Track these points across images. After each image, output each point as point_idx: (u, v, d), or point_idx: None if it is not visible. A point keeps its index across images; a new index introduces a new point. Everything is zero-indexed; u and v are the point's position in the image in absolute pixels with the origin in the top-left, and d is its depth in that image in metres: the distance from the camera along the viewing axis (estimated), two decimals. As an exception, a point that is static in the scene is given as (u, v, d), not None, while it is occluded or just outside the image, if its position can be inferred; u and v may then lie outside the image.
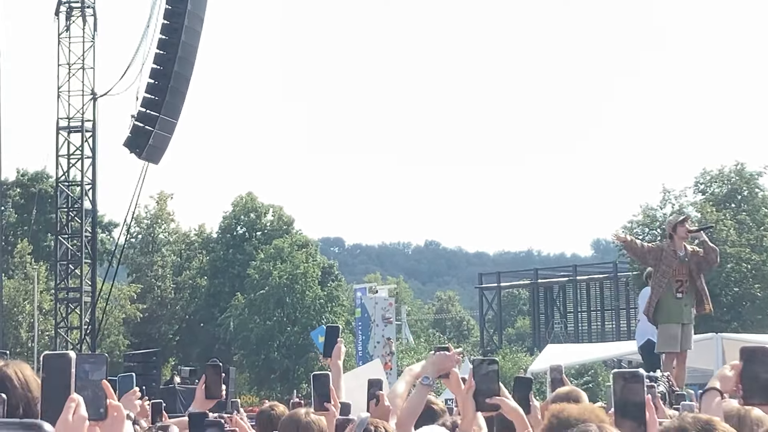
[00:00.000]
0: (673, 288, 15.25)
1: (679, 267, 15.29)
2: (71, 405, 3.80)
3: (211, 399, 7.09)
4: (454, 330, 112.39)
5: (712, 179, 65.08)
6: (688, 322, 15.48)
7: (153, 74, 34.86)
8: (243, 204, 71.28)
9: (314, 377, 7.17)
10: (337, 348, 8.03)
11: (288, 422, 7.04)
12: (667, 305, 15.33)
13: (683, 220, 15.92)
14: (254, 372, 65.37)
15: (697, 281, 15.49)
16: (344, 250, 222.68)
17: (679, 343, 15.27)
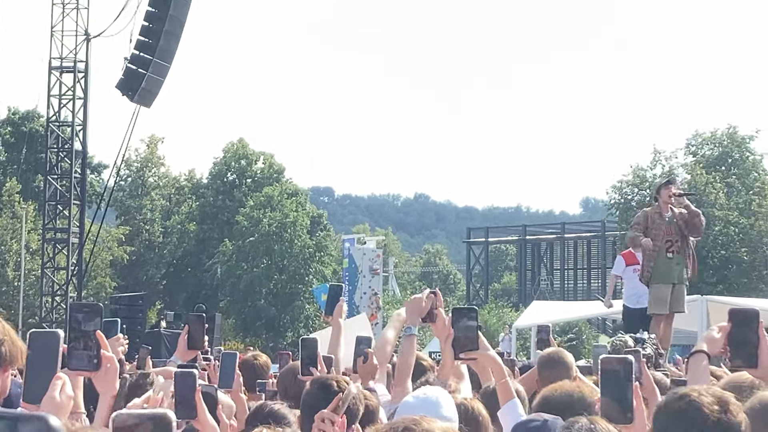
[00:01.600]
0: (664, 249, 15.28)
1: (668, 228, 15.31)
2: (57, 383, 3.76)
3: (193, 349, 7.11)
4: (441, 283, 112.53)
5: (703, 141, 65.08)
6: (680, 283, 15.46)
7: (148, 17, 34.64)
8: (234, 150, 71.09)
9: (302, 342, 7.20)
10: (339, 306, 8.10)
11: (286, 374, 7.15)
12: (657, 266, 15.36)
13: (667, 182, 15.96)
14: (240, 319, 65.48)
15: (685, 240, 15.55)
16: (334, 200, 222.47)
17: (668, 304, 15.29)
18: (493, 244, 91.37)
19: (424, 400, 4.99)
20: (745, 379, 4.93)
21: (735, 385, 4.88)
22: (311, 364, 6.95)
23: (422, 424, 3.52)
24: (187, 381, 4.44)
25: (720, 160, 63.99)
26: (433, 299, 6.34)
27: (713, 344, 4.87)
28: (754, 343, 4.77)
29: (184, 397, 4.36)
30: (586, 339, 55.23)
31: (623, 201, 64.73)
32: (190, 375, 4.45)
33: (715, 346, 4.86)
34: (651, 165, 64.89)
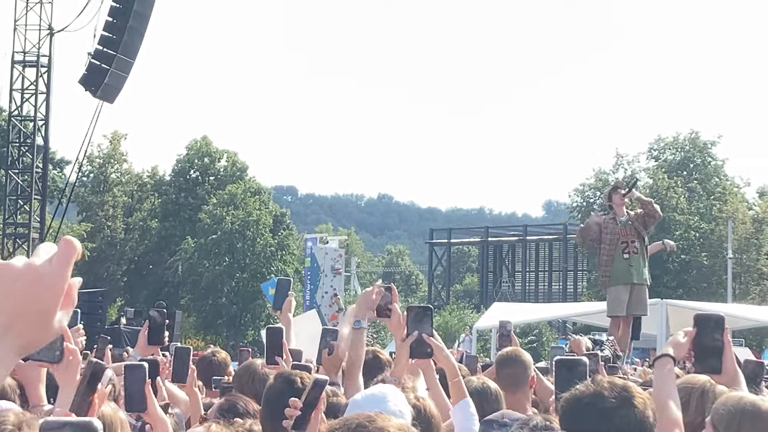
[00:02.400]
0: (619, 249, 15.41)
1: (623, 230, 15.47)
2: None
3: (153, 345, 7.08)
4: (403, 284, 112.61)
5: (666, 146, 65.54)
6: (639, 283, 15.54)
7: (112, 12, 34.47)
8: (197, 148, 70.82)
9: (268, 330, 7.16)
10: (288, 301, 8.05)
11: (243, 372, 7.07)
12: (615, 267, 15.46)
13: (614, 188, 16.17)
14: (201, 316, 65.28)
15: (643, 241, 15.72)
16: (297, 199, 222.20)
17: (625, 306, 15.37)
18: (455, 245, 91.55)
19: (370, 398, 4.99)
20: (697, 381, 4.96)
21: (686, 387, 4.92)
22: (277, 353, 6.92)
23: (376, 421, 3.51)
24: (137, 375, 4.43)
25: (682, 165, 64.44)
26: (388, 295, 6.32)
27: (679, 348, 4.88)
28: (718, 349, 4.79)
29: (134, 390, 4.36)
30: (547, 341, 55.43)
31: (585, 204, 65.11)
32: (140, 369, 4.45)
33: (680, 350, 4.88)
34: (613, 168, 65.31)
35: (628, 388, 3.87)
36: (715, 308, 32.58)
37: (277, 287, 8.31)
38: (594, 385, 3.90)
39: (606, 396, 3.80)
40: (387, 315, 6.29)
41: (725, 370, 4.78)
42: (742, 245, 57.97)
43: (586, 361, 4.55)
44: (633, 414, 3.79)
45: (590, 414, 3.82)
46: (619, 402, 3.80)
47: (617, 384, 3.90)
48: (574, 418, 3.83)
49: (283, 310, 8.00)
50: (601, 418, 3.78)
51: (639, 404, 3.82)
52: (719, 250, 58.27)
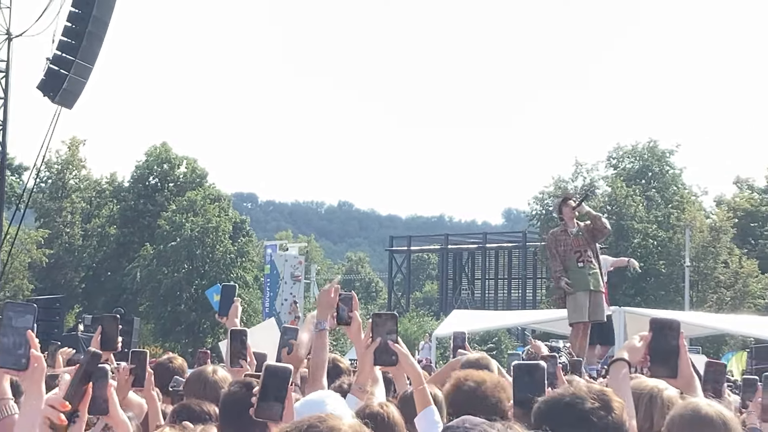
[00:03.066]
0: (573, 259, 15.58)
1: (574, 241, 15.64)
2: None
3: (106, 350, 7.01)
4: (363, 291, 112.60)
5: (624, 154, 65.88)
6: (596, 290, 15.71)
7: (71, 17, 34.24)
8: (157, 154, 70.50)
9: (232, 333, 7.07)
10: (234, 307, 7.92)
11: (195, 379, 6.98)
12: (571, 277, 15.61)
13: (564, 200, 16.32)
14: (160, 323, 64.99)
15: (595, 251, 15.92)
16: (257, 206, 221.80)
17: (587, 312, 15.51)
18: (415, 252, 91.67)
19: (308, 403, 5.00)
20: (644, 387, 4.98)
21: (634, 393, 4.94)
22: (241, 356, 6.86)
23: (327, 422, 3.53)
24: (100, 378, 4.41)
25: (640, 174, 64.79)
26: (349, 302, 6.32)
27: (634, 353, 4.89)
28: (674, 353, 4.81)
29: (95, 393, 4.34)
30: (506, 348, 55.53)
31: (545, 212, 65.30)
32: (102, 372, 4.43)
33: (635, 354, 4.89)
34: (572, 177, 65.60)
35: (605, 392, 3.91)
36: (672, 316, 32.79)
37: (222, 293, 8.19)
38: (573, 388, 3.92)
39: (585, 398, 3.83)
40: (347, 323, 6.28)
41: (681, 374, 4.79)
42: (699, 253, 58.31)
43: (544, 366, 4.56)
44: (611, 417, 3.81)
45: (569, 415, 3.83)
46: (599, 405, 3.82)
47: (595, 388, 3.93)
48: (552, 419, 3.84)
49: (229, 316, 7.88)
50: (580, 419, 3.80)
51: (617, 408, 3.85)
52: (677, 258, 58.57)
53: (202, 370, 7.00)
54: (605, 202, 62.84)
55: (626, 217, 60.41)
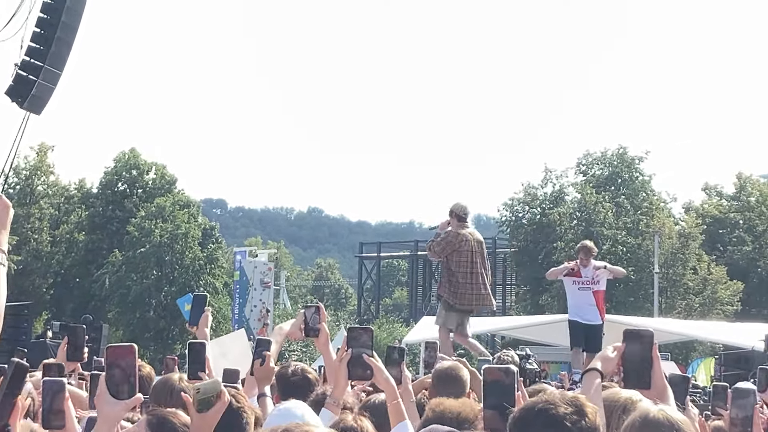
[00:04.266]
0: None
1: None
2: None
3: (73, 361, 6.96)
4: (332, 298, 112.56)
5: (594, 161, 66.09)
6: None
7: (39, 23, 34.05)
8: (125, 160, 70.27)
9: (190, 345, 7.03)
10: (205, 316, 7.89)
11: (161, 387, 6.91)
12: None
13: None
14: (129, 330, 64.73)
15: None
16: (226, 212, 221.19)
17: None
18: (385, 259, 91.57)
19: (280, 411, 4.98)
20: (618, 398, 4.98)
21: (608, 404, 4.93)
22: (200, 368, 6.81)
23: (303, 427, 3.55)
24: (56, 390, 4.37)
25: (610, 180, 65.03)
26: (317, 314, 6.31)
27: (607, 363, 4.89)
28: (647, 364, 4.81)
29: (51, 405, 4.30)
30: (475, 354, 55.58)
31: (514, 218, 65.47)
32: (58, 384, 4.39)
33: (608, 364, 4.89)
34: (542, 183, 65.74)
35: (577, 398, 3.91)
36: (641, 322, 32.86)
37: (193, 303, 8.17)
38: (546, 396, 3.93)
39: (558, 404, 3.83)
40: (315, 335, 6.27)
41: (654, 385, 4.80)
42: (668, 260, 58.55)
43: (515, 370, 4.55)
44: (584, 422, 3.82)
45: (543, 421, 3.84)
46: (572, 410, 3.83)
47: (567, 395, 3.93)
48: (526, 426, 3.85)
49: (200, 325, 7.85)
50: (554, 425, 3.80)
51: (590, 413, 3.85)
52: (646, 264, 58.78)
53: (168, 377, 6.93)
54: (574, 209, 63.05)
55: (595, 224, 60.61)
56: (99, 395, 4.43)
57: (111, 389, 4.36)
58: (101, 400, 4.43)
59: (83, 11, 34.34)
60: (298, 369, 7.41)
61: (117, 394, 4.37)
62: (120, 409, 4.43)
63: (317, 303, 6.48)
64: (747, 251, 64.15)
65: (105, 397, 4.40)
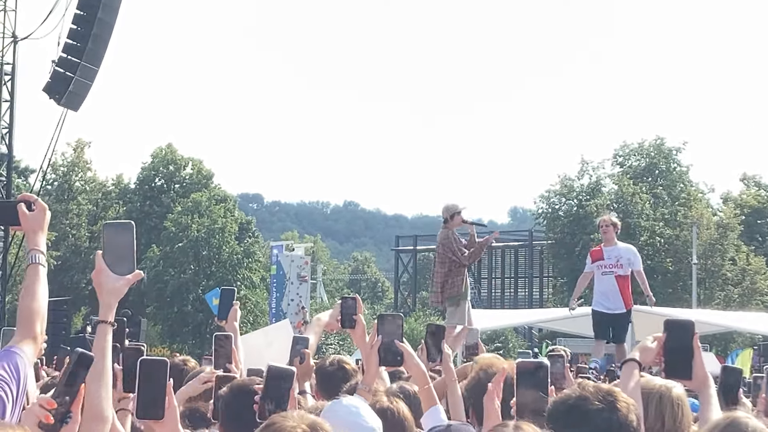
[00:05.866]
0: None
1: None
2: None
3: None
4: (369, 291, 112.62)
5: (631, 152, 65.80)
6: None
7: (76, 20, 34.28)
8: (162, 156, 70.60)
9: (216, 337, 7.06)
10: (233, 310, 7.94)
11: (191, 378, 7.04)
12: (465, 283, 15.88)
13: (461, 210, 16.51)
14: (167, 325, 65.08)
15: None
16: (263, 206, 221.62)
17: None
18: (421, 252, 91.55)
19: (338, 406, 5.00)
20: (653, 386, 4.97)
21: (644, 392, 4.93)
22: (226, 360, 6.85)
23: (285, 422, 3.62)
24: (159, 374, 4.44)
25: (647, 171, 64.73)
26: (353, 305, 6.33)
27: (646, 354, 4.88)
28: (689, 355, 4.79)
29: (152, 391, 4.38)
30: (513, 348, 55.54)
31: (551, 210, 65.25)
32: (162, 364, 4.48)
33: (648, 355, 4.87)
34: (579, 175, 65.50)
35: (612, 392, 3.92)
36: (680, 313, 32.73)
37: (221, 297, 8.21)
38: (580, 389, 3.95)
39: (590, 399, 3.85)
40: (351, 326, 6.29)
41: (695, 376, 4.79)
42: (706, 251, 58.28)
43: (547, 365, 4.55)
44: (616, 417, 3.83)
45: (574, 416, 3.86)
46: (603, 405, 3.84)
47: (602, 389, 3.94)
48: (559, 420, 3.87)
49: (228, 320, 7.91)
50: (584, 419, 3.82)
51: (622, 408, 3.86)
52: (684, 255, 58.53)
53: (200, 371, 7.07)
54: (612, 200, 62.80)
55: (633, 215, 60.34)
56: (98, 271, 4.62)
57: (111, 266, 4.59)
58: (101, 276, 4.63)
59: (119, 7, 34.53)
60: (335, 360, 7.46)
61: (117, 269, 4.58)
62: (122, 284, 4.62)
63: (354, 295, 6.51)
64: (786, 241, 63.80)
65: (105, 272, 4.61)
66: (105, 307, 4.56)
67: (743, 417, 4.39)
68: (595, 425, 3.81)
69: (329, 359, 7.52)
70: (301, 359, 7.00)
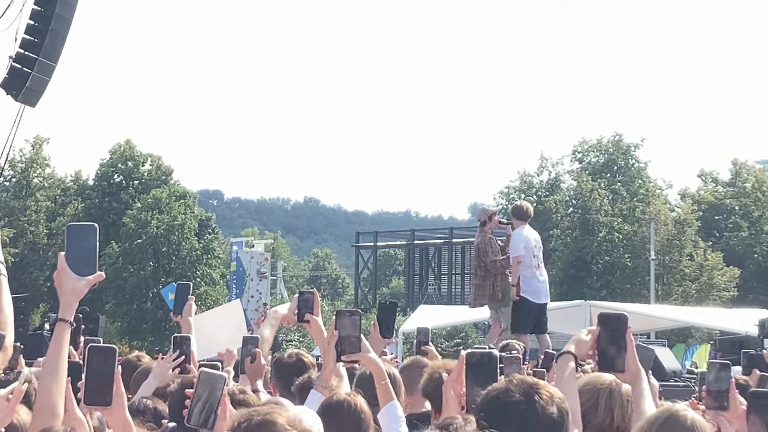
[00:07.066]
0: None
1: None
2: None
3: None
4: (329, 287, 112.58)
5: (589, 149, 66.13)
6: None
7: (33, 15, 34.03)
8: (121, 152, 70.23)
9: (175, 339, 7.04)
10: (188, 305, 7.94)
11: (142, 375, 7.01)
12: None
13: (497, 212, 16.77)
14: (126, 321, 64.83)
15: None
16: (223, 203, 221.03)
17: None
18: (381, 248, 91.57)
19: None
20: (603, 381, 5.01)
21: (594, 387, 4.97)
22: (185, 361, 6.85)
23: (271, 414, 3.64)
24: (107, 361, 4.43)
25: (605, 168, 65.08)
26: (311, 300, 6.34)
27: (581, 346, 4.91)
28: (622, 348, 4.83)
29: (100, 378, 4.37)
30: (473, 343, 55.64)
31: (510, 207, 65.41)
32: (110, 352, 4.46)
33: (582, 348, 4.91)
34: (538, 171, 65.79)
35: (535, 384, 3.92)
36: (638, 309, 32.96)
37: (177, 292, 8.20)
38: (505, 382, 3.97)
39: (511, 391, 3.87)
40: (307, 320, 6.30)
41: (628, 369, 4.82)
42: (664, 246, 58.62)
43: (497, 355, 4.59)
44: (533, 409, 3.84)
45: (495, 407, 3.88)
46: (522, 397, 3.86)
47: (526, 381, 3.95)
48: (482, 412, 3.90)
49: (183, 314, 7.90)
50: (503, 411, 3.84)
51: (542, 400, 3.86)
52: (642, 251, 58.86)
53: (149, 367, 7.06)
54: (571, 196, 63.08)
55: (592, 211, 60.66)
56: (59, 272, 4.60)
57: (72, 267, 4.58)
58: (62, 277, 4.61)
59: (77, 3, 34.30)
60: (294, 353, 7.47)
61: (79, 270, 4.60)
62: (83, 285, 4.62)
63: (312, 289, 6.54)
64: (743, 237, 64.23)
65: (67, 273, 4.59)
66: (65, 306, 4.59)
67: (681, 410, 4.44)
68: (512, 417, 3.83)
69: (288, 352, 7.54)
70: (252, 359, 7.02)
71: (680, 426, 4.32)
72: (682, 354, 40.49)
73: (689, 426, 4.33)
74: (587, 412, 4.91)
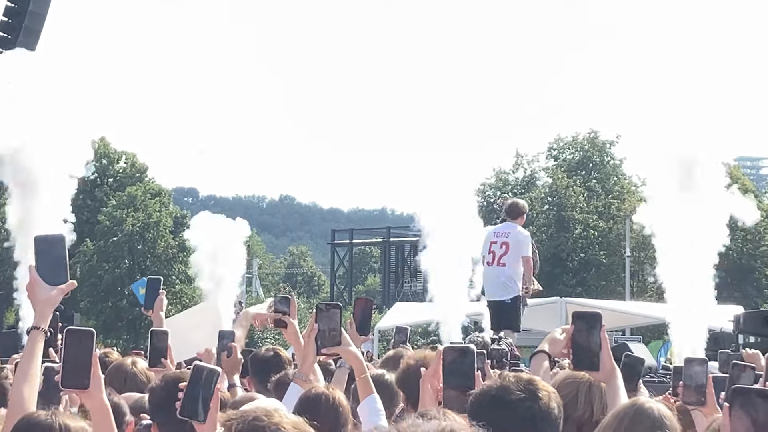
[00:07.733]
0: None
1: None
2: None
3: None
4: (305, 285, 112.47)
5: (565, 146, 66.23)
6: None
7: (7, 12, 33.93)
8: (95, 149, 69.96)
9: (152, 333, 7.05)
10: (159, 300, 7.94)
11: (115, 372, 6.97)
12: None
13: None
14: (101, 319, 64.62)
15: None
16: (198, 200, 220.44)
17: None
18: (357, 246, 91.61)
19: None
20: (582, 376, 5.01)
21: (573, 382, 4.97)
22: (162, 354, 6.83)
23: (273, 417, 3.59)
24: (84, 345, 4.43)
25: (581, 165, 65.18)
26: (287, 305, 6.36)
27: (555, 345, 4.92)
28: (596, 346, 4.82)
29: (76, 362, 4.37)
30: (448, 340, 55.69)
31: (485, 204, 65.50)
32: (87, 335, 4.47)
33: (556, 346, 4.91)
34: (513, 168, 65.88)
35: (533, 381, 3.94)
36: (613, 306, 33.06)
37: (147, 286, 8.20)
38: (501, 380, 3.97)
39: (512, 389, 3.87)
40: (284, 325, 6.33)
41: (602, 367, 4.82)
42: (639, 243, 58.81)
43: (474, 349, 4.60)
44: (537, 406, 3.86)
45: (496, 406, 3.88)
46: (525, 394, 3.87)
47: (522, 378, 3.97)
48: (482, 411, 3.89)
49: (155, 309, 7.90)
50: (506, 409, 3.84)
51: (543, 397, 3.89)
52: (617, 248, 59.01)
53: (121, 362, 7.03)
54: (546, 194, 63.19)
55: (567, 208, 60.78)
56: (31, 283, 4.63)
57: (44, 277, 4.63)
58: (35, 288, 4.64)
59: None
60: (271, 348, 7.48)
61: (51, 280, 4.65)
62: (55, 294, 4.67)
63: (289, 294, 6.58)
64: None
65: (39, 284, 4.63)
66: (39, 315, 4.63)
67: (647, 402, 4.45)
68: (518, 415, 3.83)
69: (265, 348, 7.57)
70: (228, 353, 7.01)
71: (649, 418, 4.33)
72: (657, 351, 40.64)
73: (657, 417, 4.34)
74: (567, 406, 4.91)
